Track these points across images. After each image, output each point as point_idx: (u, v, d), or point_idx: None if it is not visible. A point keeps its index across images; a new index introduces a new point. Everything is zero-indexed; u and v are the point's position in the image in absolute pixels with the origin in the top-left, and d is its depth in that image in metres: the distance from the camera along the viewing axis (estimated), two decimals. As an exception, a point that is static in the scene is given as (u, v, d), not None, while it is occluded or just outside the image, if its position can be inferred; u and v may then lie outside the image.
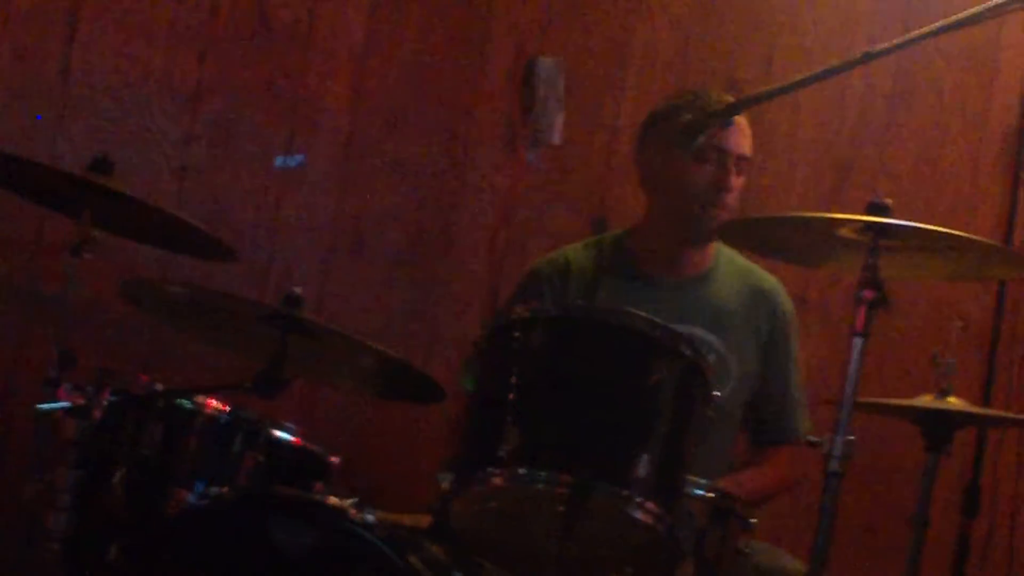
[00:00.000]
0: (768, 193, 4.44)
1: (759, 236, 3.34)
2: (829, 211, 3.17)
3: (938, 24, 3.03)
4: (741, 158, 3.62)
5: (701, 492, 2.84)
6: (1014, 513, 4.61)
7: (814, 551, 2.87)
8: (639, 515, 2.69)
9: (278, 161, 4.22)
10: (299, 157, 4.23)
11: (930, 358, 3.36)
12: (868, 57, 3.04)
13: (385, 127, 4.31)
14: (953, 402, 3.30)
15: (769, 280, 3.75)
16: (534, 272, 3.74)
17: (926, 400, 3.31)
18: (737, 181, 3.61)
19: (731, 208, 3.61)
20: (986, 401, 4.42)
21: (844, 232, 3.03)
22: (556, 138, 4.35)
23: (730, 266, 3.72)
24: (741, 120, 3.59)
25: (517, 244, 4.36)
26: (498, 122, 4.37)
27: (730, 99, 3.51)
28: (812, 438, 2.95)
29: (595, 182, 4.42)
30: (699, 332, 3.54)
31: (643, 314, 2.80)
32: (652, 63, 4.47)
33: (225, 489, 3.05)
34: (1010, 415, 4.00)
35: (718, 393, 2.89)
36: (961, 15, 3.01)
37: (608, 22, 4.45)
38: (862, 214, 2.97)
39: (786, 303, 3.75)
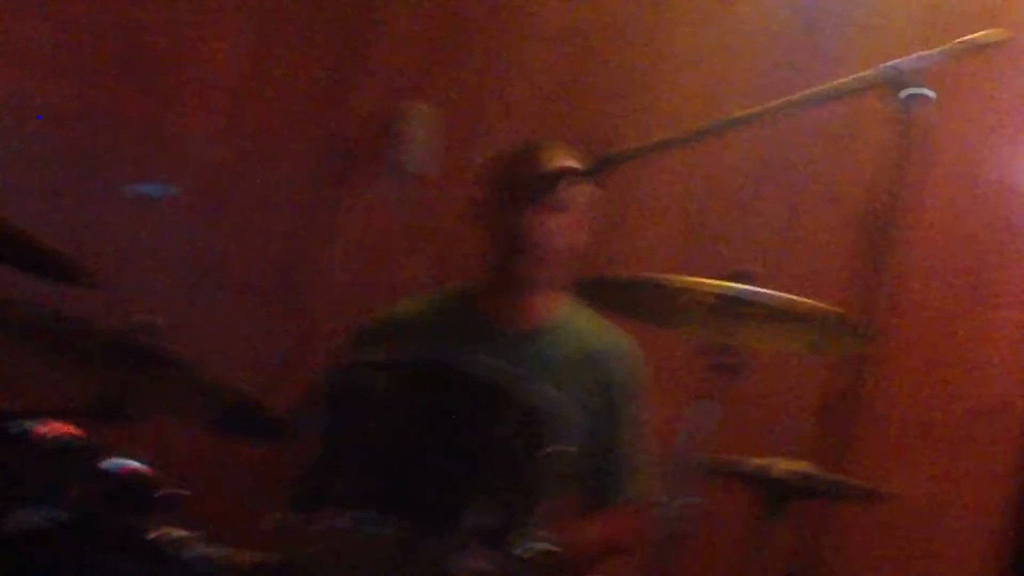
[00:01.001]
0: (630, 255, 4.48)
1: (616, 296, 3.37)
2: (691, 275, 3.20)
3: (801, 96, 3.08)
4: (575, 209, 3.63)
5: (534, 545, 2.85)
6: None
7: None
8: (470, 563, 2.70)
9: (146, 190, 4.19)
10: (167, 187, 4.21)
11: (783, 424, 3.39)
12: (732, 123, 3.10)
13: (257, 160, 4.30)
14: (791, 464, 3.32)
15: (609, 342, 3.74)
16: (360, 332, 3.73)
17: (764, 463, 3.33)
18: (571, 233, 3.62)
19: (571, 262, 3.62)
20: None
21: (702, 296, 3.07)
22: (419, 183, 4.37)
23: (571, 324, 3.72)
24: (578, 169, 3.62)
25: (384, 283, 4.36)
26: (368, 162, 4.38)
27: (570, 156, 3.54)
28: (662, 499, 2.97)
29: (453, 230, 4.43)
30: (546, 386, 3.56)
31: (488, 361, 2.83)
32: (523, 115, 4.50)
33: (52, 516, 3.00)
34: (850, 485, 4.00)
35: (565, 448, 2.90)
36: (824, 89, 3.07)
37: (480, 73, 4.48)
38: (724, 280, 3.02)
39: (622, 367, 3.74)
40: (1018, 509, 4.19)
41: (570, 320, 3.71)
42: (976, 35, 3.40)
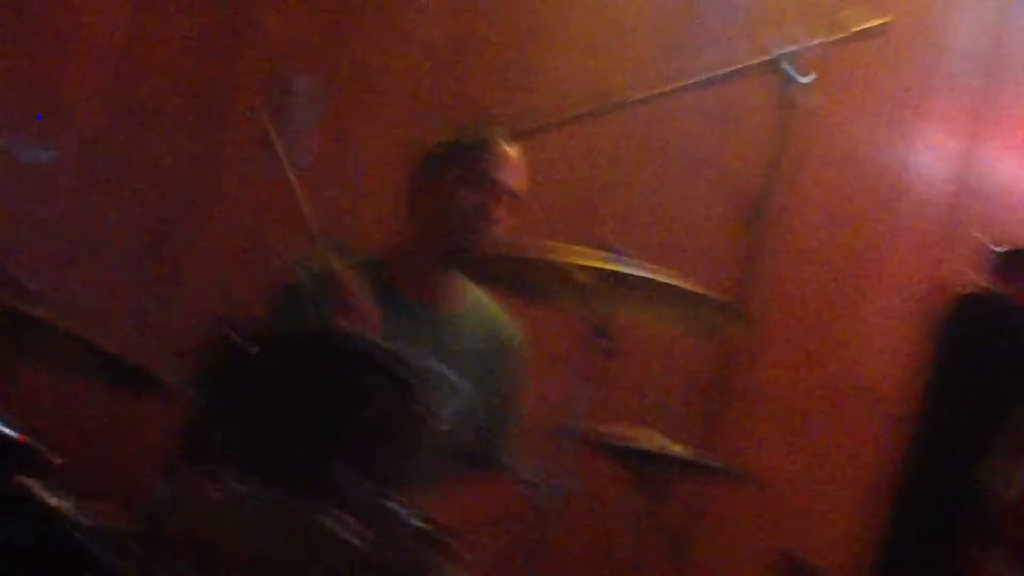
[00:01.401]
0: (510, 232, 4.47)
1: (497, 272, 3.38)
2: (571, 253, 3.21)
3: (686, 80, 3.11)
4: (510, 192, 3.64)
5: (406, 512, 2.86)
6: (726, 561, 4.72)
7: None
8: (340, 532, 2.72)
9: (24, 154, 4.13)
10: (43, 149, 4.15)
11: (657, 403, 3.41)
12: (620, 105, 3.11)
13: (138, 127, 4.26)
14: (660, 440, 3.35)
15: (506, 321, 3.78)
16: (289, 288, 3.70)
17: (638, 441, 3.36)
18: (501, 213, 3.63)
19: (495, 241, 3.63)
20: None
21: (581, 275, 3.09)
22: (307, 158, 4.34)
23: (478, 303, 3.75)
24: (515, 154, 3.63)
25: (261, 251, 4.33)
26: (252, 134, 4.35)
27: (503, 132, 3.55)
28: (532, 477, 2.99)
29: (341, 205, 4.41)
30: (434, 363, 3.55)
31: (362, 333, 2.84)
32: (407, 91, 4.49)
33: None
34: (722, 466, 4.04)
35: (445, 420, 2.92)
36: (712, 74, 3.09)
37: (365, 46, 4.46)
38: (602, 259, 3.03)
39: (516, 347, 3.77)
40: (889, 490, 4.26)
41: (476, 299, 3.73)
42: (858, 21, 3.44)
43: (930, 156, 4.91)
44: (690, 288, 3.12)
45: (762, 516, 4.76)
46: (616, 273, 3.04)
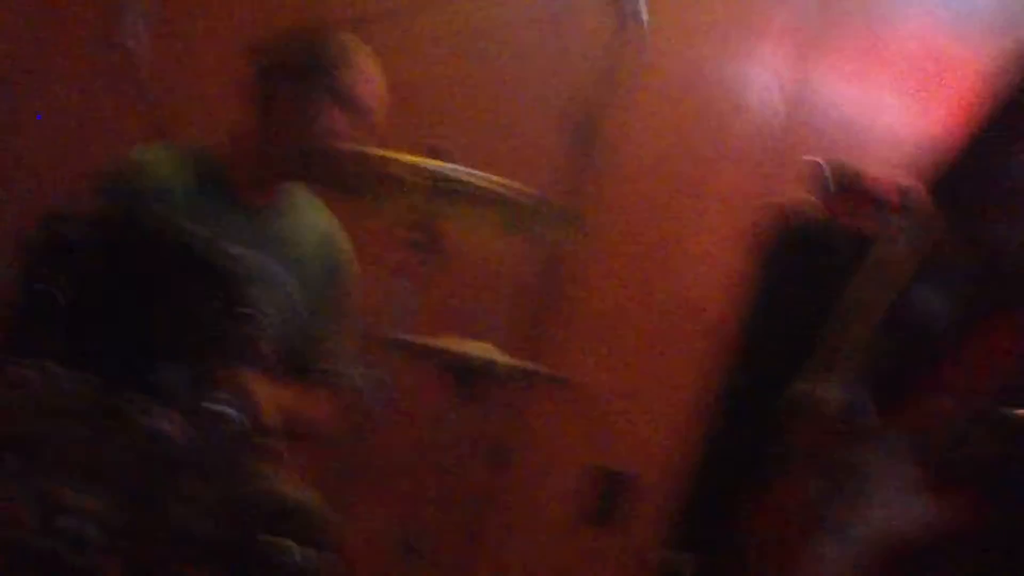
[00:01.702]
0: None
1: (320, 170, 3.32)
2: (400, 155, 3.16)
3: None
4: (363, 109, 3.56)
5: (227, 411, 2.83)
6: (545, 469, 4.74)
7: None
8: (159, 424, 2.69)
9: None
10: None
11: (482, 310, 3.40)
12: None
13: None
14: (482, 348, 3.34)
15: (332, 222, 3.73)
16: (111, 175, 3.59)
17: (461, 348, 3.34)
18: (350, 129, 3.55)
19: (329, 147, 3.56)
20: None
21: (410, 177, 3.05)
22: (138, 46, 4.25)
23: (307, 205, 3.69)
24: (371, 68, 3.56)
25: (93, 150, 4.23)
26: (81, 31, 4.25)
27: (357, 42, 3.47)
28: (354, 383, 2.97)
29: (179, 102, 4.32)
30: (258, 256, 3.49)
31: (189, 226, 2.79)
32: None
33: None
34: (545, 374, 4.03)
35: (264, 313, 2.88)
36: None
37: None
38: (431, 161, 3.00)
39: (341, 247, 3.73)
40: (709, 405, 4.30)
41: (307, 201, 3.66)
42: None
43: (763, 77, 4.94)
44: (517, 189, 3.09)
45: (583, 425, 4.79)
46: (446, 176, 3.00)
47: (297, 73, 3.52)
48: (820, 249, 3.96)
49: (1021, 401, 2.50)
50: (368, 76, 3.56)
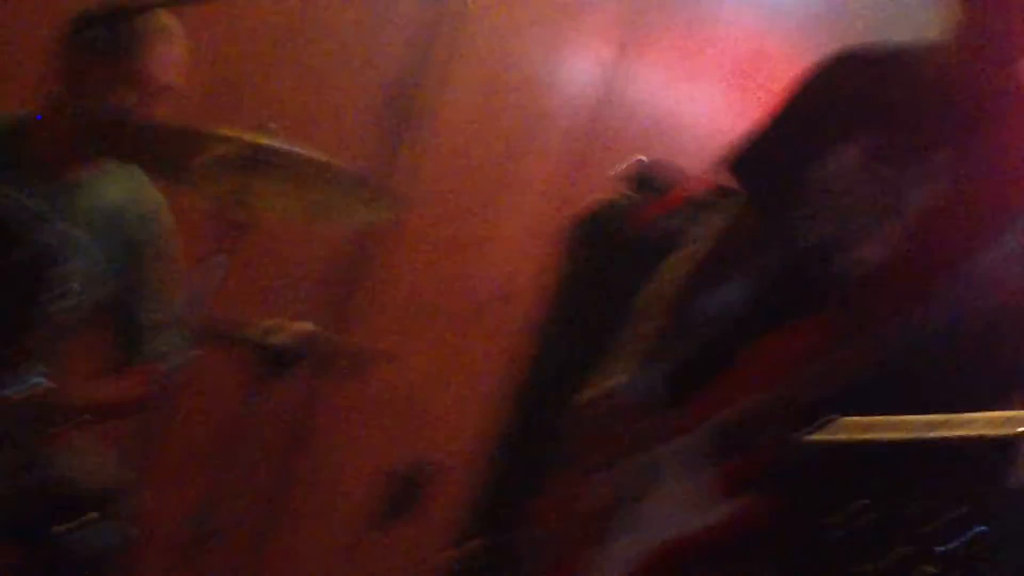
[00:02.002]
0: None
1: (133, 145, 3.26)
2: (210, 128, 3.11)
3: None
4: (164, 87, 3.49)
5: (26, 386, 2.78)
6: (349, 454, 4.73)
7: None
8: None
9: None
10: None
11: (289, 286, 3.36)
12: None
13: None
14: (294, 328, 3.30)
15: (147, 197, 3.64)
16: None
17: (265, 327, 3.30)
18: (153, 107, 3.47)
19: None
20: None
21: (219, 148, 3.00)
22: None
23: (129, 177, 3.61)
24: (174, 48, 3.48)
25: None
26: None
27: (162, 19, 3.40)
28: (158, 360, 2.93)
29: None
30: (81, 235, 3.42)
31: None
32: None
33: None
34: (351, 354, 3.99)
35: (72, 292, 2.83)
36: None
37: None
38: (242, 132, 2.96)
39: (157, 223, 3.66)
40: (512, 392, 4.33)
41: (126, 173, 3.57)
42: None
43: (579, 64, 4.95)
44: (341, 171, 3.06)
45: (388, 407, 4.78)
46: (265, 151, 2.96)
47: (102, 49, 3.44)
48: (629, 244, 4.00)
49: (819, 405, 2.51)
50: (170, 55, 3.49)
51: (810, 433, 2.24)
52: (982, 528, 2.09)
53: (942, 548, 2.12)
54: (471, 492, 4.28)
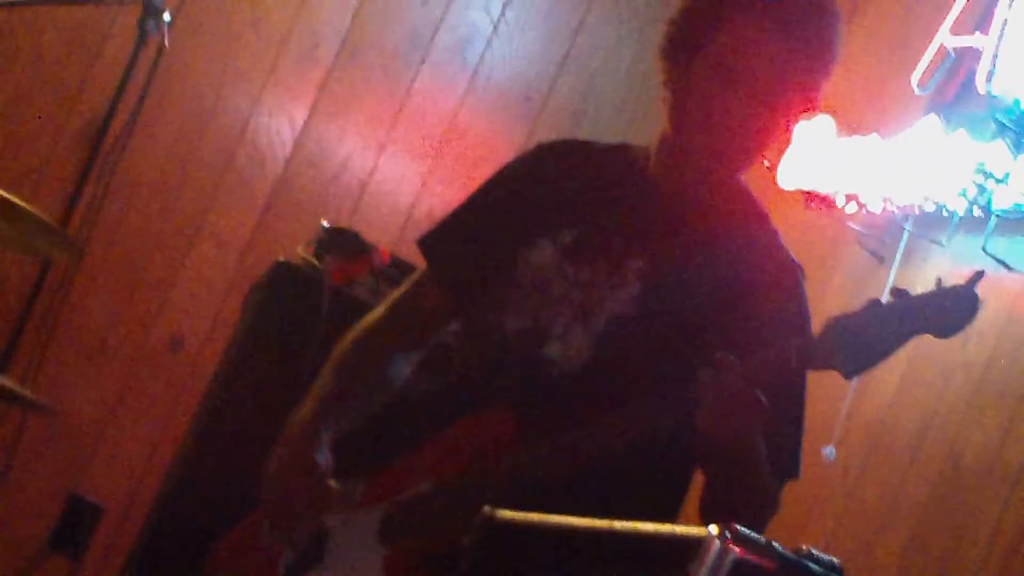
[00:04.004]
0: None
1: None
2: None
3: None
4: None
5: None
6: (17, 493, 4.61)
7: None
8: None
9: None
10: None
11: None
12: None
13: None
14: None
15: None
16: None
17: None
18: None
19: None
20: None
21: None
22: None
23: None
24: None
25: None
26: None
27: None
28: None
29: None
30: None
31: None
32: None
33: None
34: (20, 393, 3.89)
35: None
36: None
37: None
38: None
39: None
40: (183, 440, 4.29)
41: None
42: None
43: (274, 119, 4.92)
44: (22, 210, 3.02)
45: (58, 447, 4.67)
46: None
47: None
48: (306, 301, 3.98)
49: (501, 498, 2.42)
50: None
51: (471, 528, 2.20)
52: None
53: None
54: (139, 536, 4.21)
